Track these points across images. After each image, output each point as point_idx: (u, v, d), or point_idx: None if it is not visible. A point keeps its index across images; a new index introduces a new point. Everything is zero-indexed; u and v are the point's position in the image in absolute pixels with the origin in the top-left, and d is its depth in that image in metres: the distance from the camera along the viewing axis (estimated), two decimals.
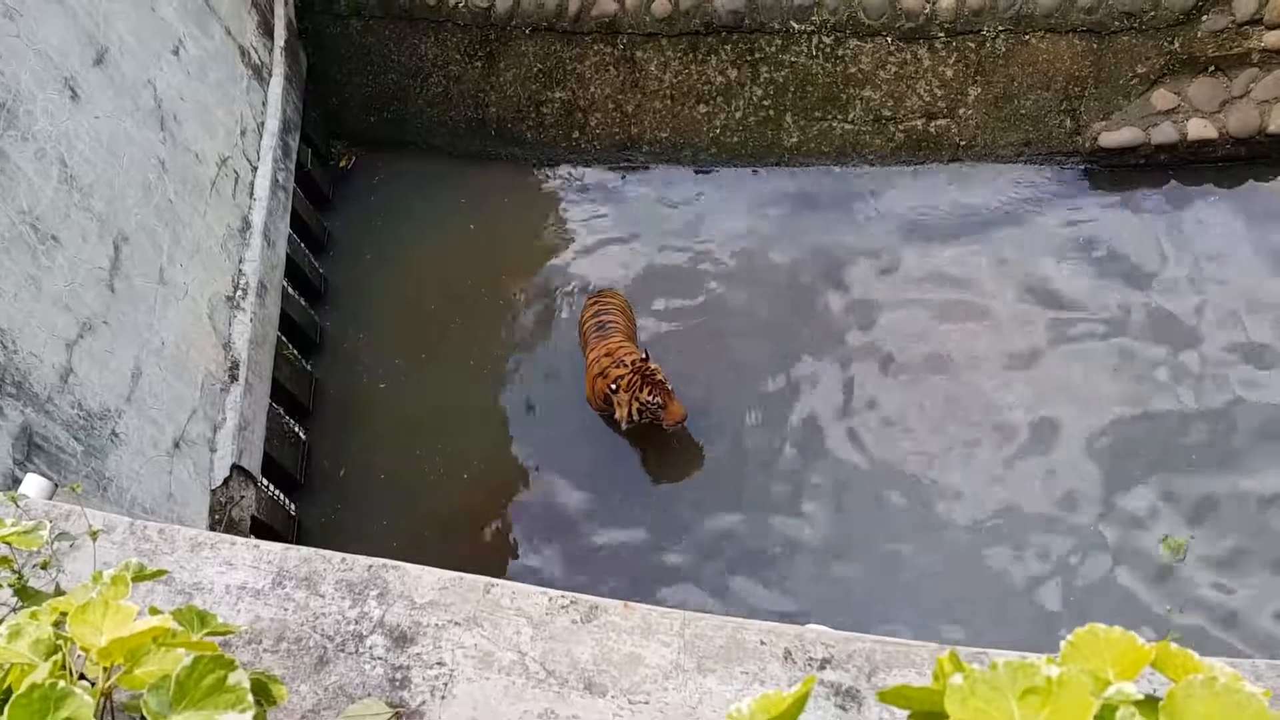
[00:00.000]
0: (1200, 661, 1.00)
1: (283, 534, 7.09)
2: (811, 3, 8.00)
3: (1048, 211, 8.05)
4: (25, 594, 1.76)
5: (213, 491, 6.50)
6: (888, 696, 1.04)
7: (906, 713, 1.09)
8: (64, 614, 1.34)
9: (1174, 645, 1.03)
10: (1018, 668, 0.92)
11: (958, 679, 0.92)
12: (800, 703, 1.01)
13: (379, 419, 7.89)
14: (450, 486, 7.46)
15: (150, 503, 5.85)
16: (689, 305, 8.04)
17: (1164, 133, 7.84)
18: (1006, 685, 0.91)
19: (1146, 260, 7.65)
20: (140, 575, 1.54)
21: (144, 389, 6.01)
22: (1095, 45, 7.82)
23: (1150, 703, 0.94)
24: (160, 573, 1.72)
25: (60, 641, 1.29)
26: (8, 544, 1.74)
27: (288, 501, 7.44)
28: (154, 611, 1.33)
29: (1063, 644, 1.04)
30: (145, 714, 1.19)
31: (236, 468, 6.70)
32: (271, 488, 7.24)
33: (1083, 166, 8.20)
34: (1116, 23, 7.70)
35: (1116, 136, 7.95)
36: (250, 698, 1.23)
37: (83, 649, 1.26)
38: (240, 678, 1.24)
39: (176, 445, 6.24)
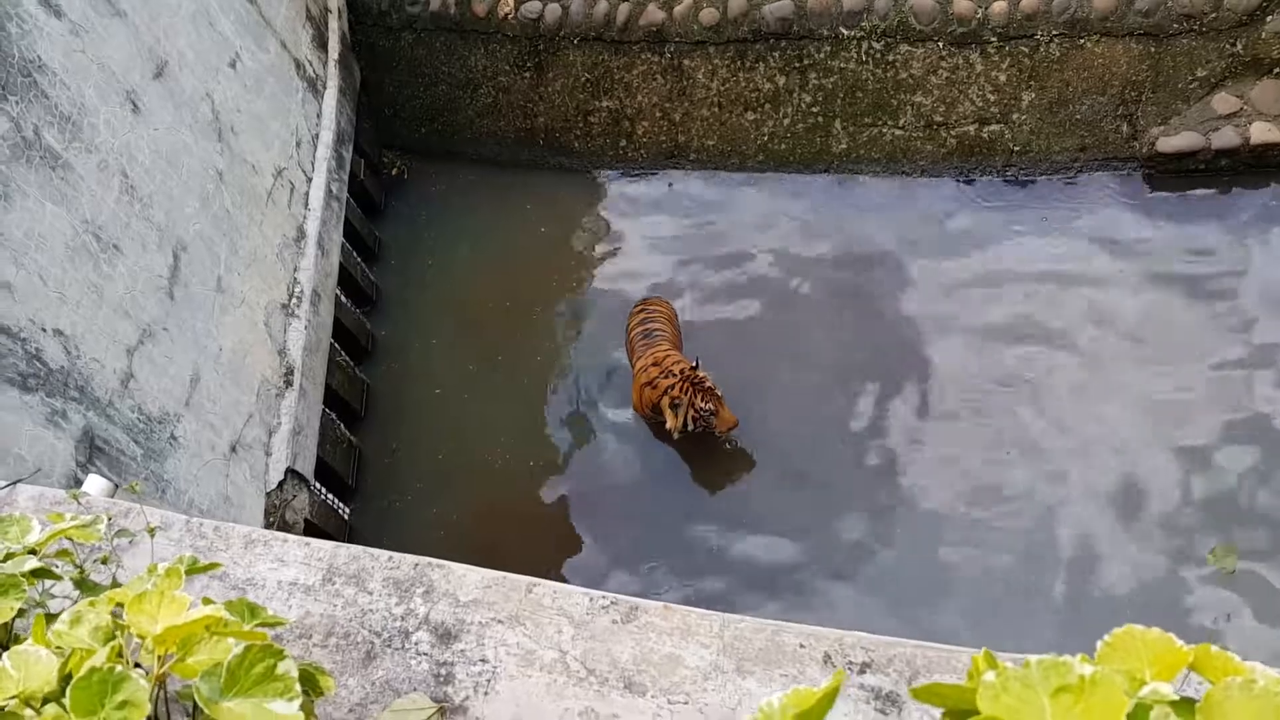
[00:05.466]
0: (1241, 664, 0.99)
1: (335, 537, 7.19)
2: (861, 8, 7.97)
3: (1104, 218, 7.91)
4: (85, 586, 1.82)
5: (268, 494, 6.63)
6: (921, 694, 1.04)
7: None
8: (120, 604, 1.39)
9: (1215, 648, 1.02)
10: (1051, 666, 0.91)
11: (990, 676, 0.92)
12: (830, 697, 1.01)
13: (429, 423, 7.99)
14: (500, 490, 7.52)
15: (207, 505, 5.98)
16: (736, 313, 8.04)
17: (1225, 137, 7.67)
18: (1039, 683, 0.91)
19: (1207, 268, 7.48)
20: (194, 568, 1.59)
21: (202, 394, 6.15)
22: (1153, 49, 7.68)
23: (1187, 704, 0.93)
24: (213, 565, 1.77)
25: (117, 629, 1.34)
26: (68, 538, 1.80)
27: (340, 505, 7.55)
28: (207, 602, 1.38)
29: (1099, 644, 1.03)
30: (197, 700, 1.23)
31: (291, 471, 6.82)
32: (324, 491, 7.36)
33: (1140, 172, 8.05)
34: (1175, 25, 7.56)
35: (1175, 141, 7.79)
36: (298, 686, 1.27)
37: (138, 636, 1.31)
38: (289, 667, 1.28)
39: (233, 449, 6.37)
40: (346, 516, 7.56)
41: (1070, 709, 0.88)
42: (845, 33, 8.07)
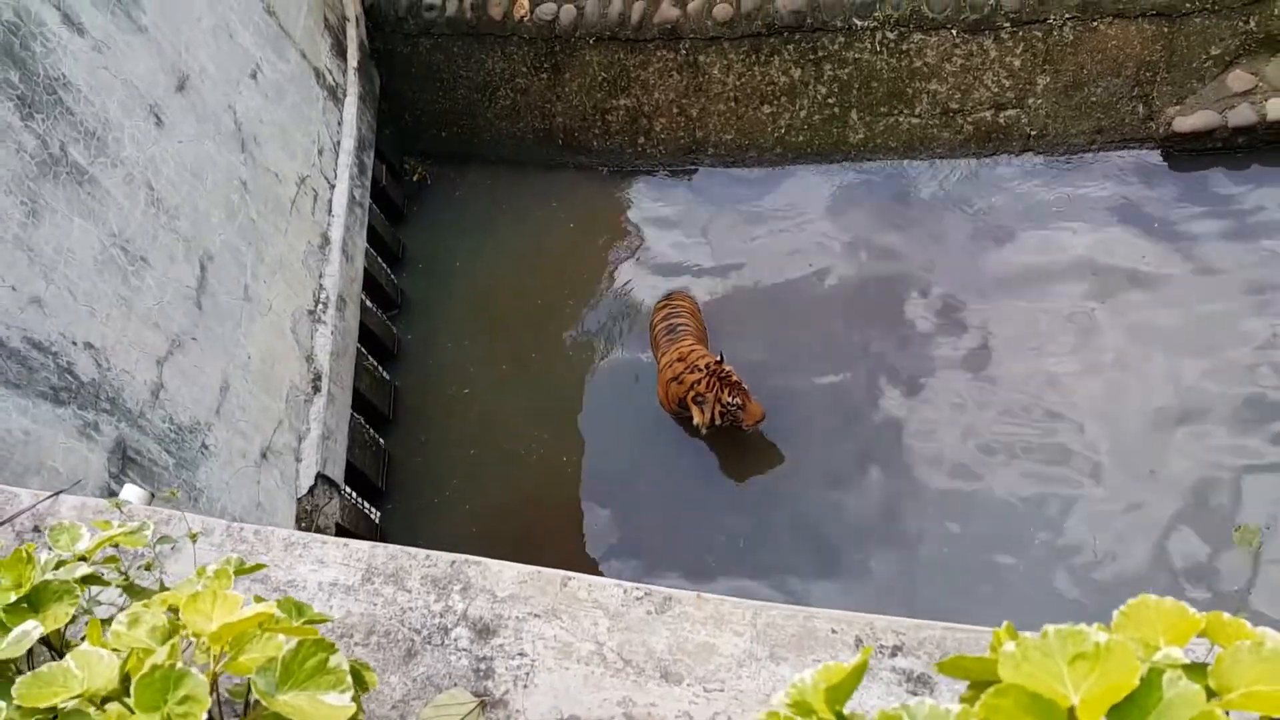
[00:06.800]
0: (1251, 629, 1.03)
1: (366, 539, 7.27)
2: None
3: (1123, 199, 7.88)
4: (133, 591, 1.88)
5: (299, 500, 6.71)
6: (946, 667, 1.09)
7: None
8: (173, 607, 1.46)
9: (1226, 615, 1.06)
10: (1068, 634, 0.96)
11: (1010, 645, 0.97)
12: (859, 672, 1.06)
13: (459, 423, 8.07)
14: (533, 488, 7.58)
15: (239, 512, 6.07)
16: (761, 305, 8.06)
17: (1241, 115, 7.62)
18: (1057, 651, 0.96)
19: (1225, 246, 7.44)
20: (241, 569, 1.65)
21: (232, 402, 6.24)
22: (1166, 28, 7.64)
23: (1198, 668, 0.97)
24: (259, 566, 1.83)
25: (174, 629, 1.41)
26: (116, 544, 1.87)
27: (370, 508, 7.64)
28: (258, 600, 1.43)
29: (1115, 614, 1.08)
30: (255, 693, 1.29)
31: (321, 476, 6.90)
32: (354, 495, 7.44)
33: (1158, 152, 8.01)
34: (1188, 4, 7.52)
35: (1191, 121, 7.75)
36: (349, 679, 1.33)
37: (194, 635, 1.37)
38: (340, 660, 1.34)
39: (264, 456, 6.46)
40: (376, 519, 7.64)
41: (1087, 674, 0.93)
42: (859, 23, 8.07)
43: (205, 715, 1.24)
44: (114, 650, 1.39)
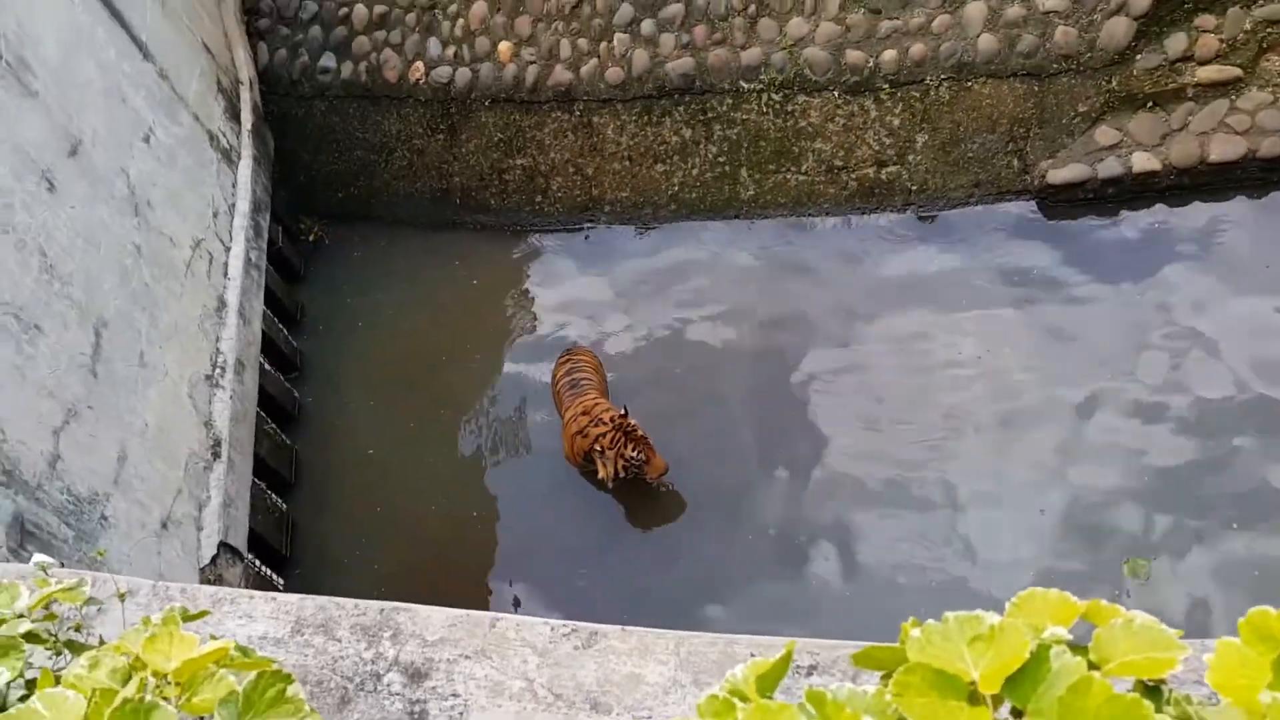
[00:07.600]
0: (1124, 611, 1.19)
1: None
2: (759, 62, 8.35)
3: (1001, 250, 8.31)
4: (74, 647, 1.89)
5: (201, 570, 6.54)
6: (860, 659, 1.22)
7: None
8: (124, 653, 1.49)
9: (1104, 602, 1.22)
10: (966, 620, 1.12)
11: (916, 632, 1.11)
12: (784, 663, 1.19)
13: (361, 485, 7.98)
14: (437, 547, 7.54)
15: None
16: (660, 357, 8.23)
17: (1110, 167, 8.12)
18: (957, 635, 1.11)
19: (1099, 291, 7.90)
20: (187, 616, 1.68)
21: (130, 471, 6.08)
22: (1036, 88, 8.17)
23: (1081, 647, 1.13)
24: (203, 614, 1.86)
25: (133, 669, 1.44)
26: (52, 602, 1.87)
27: (275, 575, 7.46)
28: (214, 638, 1.48)
29: (1008, 604, 1.23)
30: None
31: (224, 545, 6.74)
32: (258, 562, 7.27)
33: (1033, 203, 8.47)
34: (1055, 65, 8.07)
35: (1064, 173, 8.23)
36: (307, 706, 1.38)
37: (154, 674, 1.41)
38: (298, 690, 1.39)
39: (164, 526, 6.29)
40: (281, 586, 7.46)
41: (984, 652, 1.08)
42: (745, 86, 8.43)
43: None
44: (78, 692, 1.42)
